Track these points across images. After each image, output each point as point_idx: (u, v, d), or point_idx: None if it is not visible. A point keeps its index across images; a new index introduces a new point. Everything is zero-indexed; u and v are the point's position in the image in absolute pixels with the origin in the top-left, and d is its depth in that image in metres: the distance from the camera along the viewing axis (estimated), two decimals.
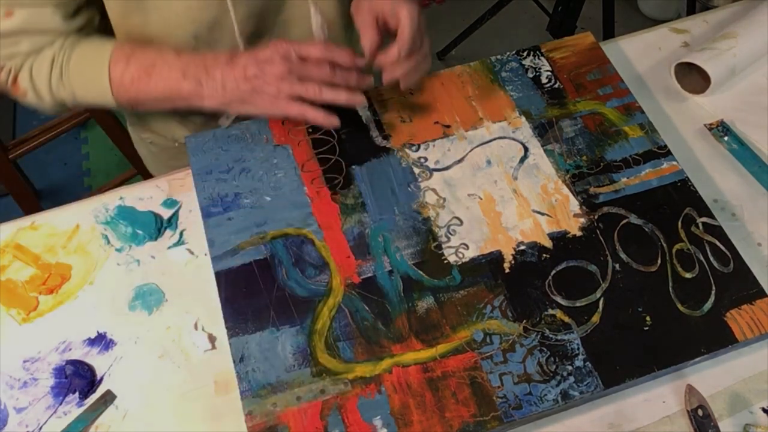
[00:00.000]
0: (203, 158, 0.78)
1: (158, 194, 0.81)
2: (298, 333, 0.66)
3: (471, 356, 0.65)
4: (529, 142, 0.79)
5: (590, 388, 0.63)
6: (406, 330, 0.67)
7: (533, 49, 0.88)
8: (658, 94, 0.90)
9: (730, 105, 0.89)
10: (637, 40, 0.96)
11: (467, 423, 0.62)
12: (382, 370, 0.64)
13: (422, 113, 0.82)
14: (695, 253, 0.71)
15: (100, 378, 0.69)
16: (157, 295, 0.74)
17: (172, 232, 0.78)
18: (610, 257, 0.71)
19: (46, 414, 0.67)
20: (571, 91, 0.84)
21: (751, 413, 0.66)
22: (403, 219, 0.74)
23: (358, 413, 0.62)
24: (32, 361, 0.70)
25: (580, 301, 0.68)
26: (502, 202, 0.75)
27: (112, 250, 0.77)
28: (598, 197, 0.75)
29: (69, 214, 0.80)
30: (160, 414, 0.67)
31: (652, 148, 0.79)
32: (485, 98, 0.83)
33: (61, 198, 1.81)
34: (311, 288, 0.69)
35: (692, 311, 0.68)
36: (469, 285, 0.69)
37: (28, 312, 0.73)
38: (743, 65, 0.90)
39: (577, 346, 0.66)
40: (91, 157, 1.91)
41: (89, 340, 0.71)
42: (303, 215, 0.74)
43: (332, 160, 0.78)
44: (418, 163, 0.78)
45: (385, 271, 0.70)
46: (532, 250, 0.72)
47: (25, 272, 0.75)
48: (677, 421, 0.66)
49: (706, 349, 0.65)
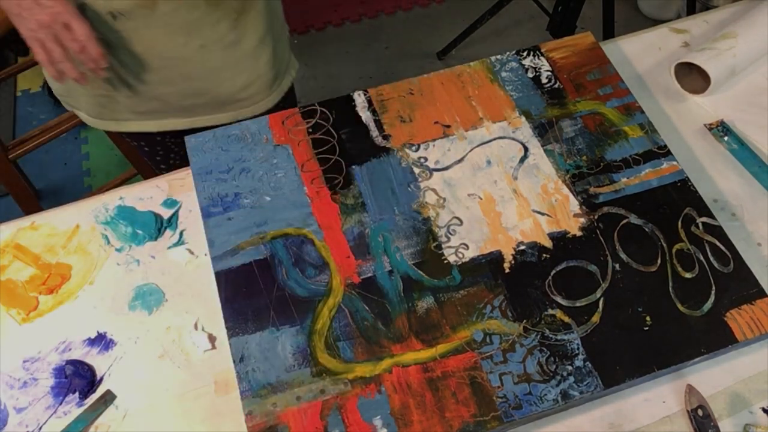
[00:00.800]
0: (203, 158, 0.78)
1: (158, 194, 0.81)
2: (298, 333, 0.66)
3: (471, 356, 0.65)
4: (529, 142, 0.79)
5: (590, 388, 0.63)
6: (406, 330, 0.67)
7: (533, 49, 0.88)
8: (658, 94, 0.90)
9: (730, 105, 0.89)
10: (637, 40, 0.96)
11: (467, 423, 0.62)
12: (382, 370, 0.64)
13: (422, 113, 0.82)
14: (695, 253, 0.71)
15: (100, 378, 0.69)
16: (157, 295, 0.74)
17: (172, 232, 0.78)
18: (610, 257, 0.71)
19: (46, 414, 0.67)
20: (571, 91, 0.84)
21: (751, 413, 0.66)
22: (403, 219, 0.74)
23: (358, 413, 0.62)
24: (32, 361, 0.70)
25: (580, 301, 0.68)
26: (502, 202, 0.75)
27: (112, 250, 0.77)
28: (598, 197, 0.75)
29: (69, 214, 0.80)
30: (160, 414, 0.67)
31: (652, 148, 0.79)
32: (485, 98, 0.83)
33: (61, 198, 1.81)
34: (311, 288, 0.69)
35: (692, 311, 0.68)
36: (469, 285, 0.69)
37: (28, 312, 0.73)
38: (743, 65, 0.90)
39: (577, 346, 0.66)
40: (91, 157, 1.90)
41: (89, 340, 0.71)
42: (303, 215, 0.74)
43: (332, 160, 0.78)
44: (418, 163, 0.78)
45: (385, 271, 0.70)
46: (532, 250, 0.72)
47: (25, 272, 0.75)
48: (677, 421, 0.66)
49: (706, 349, 0.65)
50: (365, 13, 2.24)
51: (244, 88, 0.91)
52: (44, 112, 1.98)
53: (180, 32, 0.81)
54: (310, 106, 0.82)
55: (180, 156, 1.11)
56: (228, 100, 0.92)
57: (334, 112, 0.82)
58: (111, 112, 0.93)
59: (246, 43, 0.87)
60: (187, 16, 0.80)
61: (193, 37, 0.82)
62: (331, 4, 2.24)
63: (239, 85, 0.91)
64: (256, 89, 0.93)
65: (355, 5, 2.25)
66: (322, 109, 0.82)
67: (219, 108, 0.93)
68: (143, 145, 1.05)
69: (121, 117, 0.94)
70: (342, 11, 2.23)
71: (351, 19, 2.22)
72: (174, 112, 0.93)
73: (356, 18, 2.22)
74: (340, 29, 2.20)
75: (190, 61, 0.85)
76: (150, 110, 0.92)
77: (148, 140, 1.03)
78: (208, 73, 0.87)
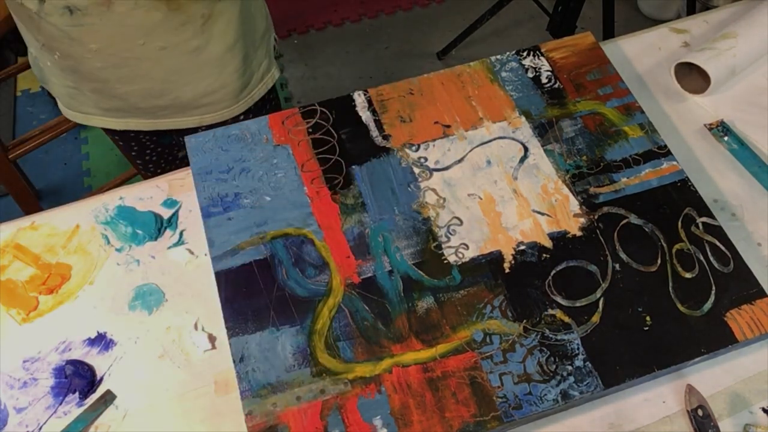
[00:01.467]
0: (203, 158, 0.78)
1: (158, 194, 0.81)
2: (298, 333, 0.66)
3: (471, 356, 0.65)
4: (529, 142, 0.79)
5: (590, 388, 0.63)
6: (406, 330, 0.67)
7: (533, 49, 0.88)
8: (658, 94, 0.90)
9: (730, 105, 0.89)
10: (637, 40, 0.96)
11: (467, 423, 0.62)
12: (382, 370, 0.64)
13: (422, 113, 0.82)
14: (695, 253, 0.71)
15: (100, 378, 0.69)
16: (157, 295, 0.74)
17: (172, 232, 0.78)
18: (610, 257, 0.71)
19: (46, 414, 0.67)
20: (571, 91, 0.84)
21: (751, 413, 0.66)
22: (403, 219, 0.74)
23: (358, 413, 0.62)
24: (32, 361, 0.70)
25: (580, 301, 0.68)
26: (502, 202, 0.75)
27: (112, 250, 0.77)
28: (598, 197, 0.75)
29: (69, 214, 0.80)
30: (160, 414, 0.67)
31: (652, 148, 0.79)
32: (485, 98, 0.83)
33: (61, 198, 1.81)
34: (311, 288, 0.69)
35: (692, 311, 0.68)
36: (469, 285, 0.69)
37: (28, 312, 0.73)
38: (743, 65, 0.90)
39: (577, 346, 0.66)
40: (91, 157, 1.90)
41: (89, 340, 0.71)
42: (303, 215, 0.74)
43: (332, 160, 0.78)
44: (418, 163, 0.78)
45: (385, 271, 0.70)
46: (532, 250, 0.72)
47: (25, 272, 0.75)
48: (677, 421, 0.66)
49: (706, 349, 0.66)
50: (365, 13, 2.24)
51: (207, 95, 0.90)
52: (44, 112, 1.98)
53: (138, 33, 0.80)
54: (310, 106, 0.82)
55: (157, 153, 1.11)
56: (189, 105, 0.91)
57: (334, 112, 0.82)
58: (79, 104, 0.94)
59: (211, 50, 0.86)
60: (146, 18, 0.78)
61: (152, 38, 0.81)
62: (331, 4, 2.25)
63: (201, 91, 0.89)
64: (220, 97, 0.92)
65: (355, 5, 2.25)
66: (322, 109, 0.82)
67: (181, 112, 0.92)
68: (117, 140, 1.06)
69: (87, 111, 0.94)
70: (342, 11, 2.24)
71: (351, 19, 2.22)
72: (136, 112, 0.92)
73: (356, 18, 2.23)
74: (340, 29, 2.20)
75: (149, 62, 0.84)
76: (113, 108, 0.92)
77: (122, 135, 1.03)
78: (168, 75, 0.86)
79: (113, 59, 0.82)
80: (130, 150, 1.09)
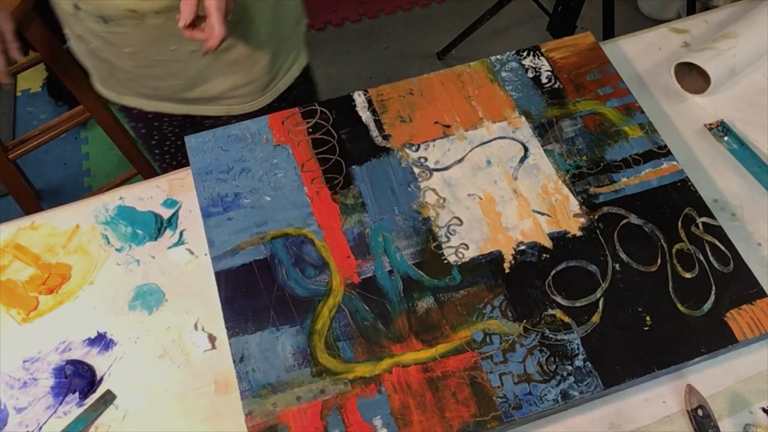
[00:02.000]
0: (203, 158, 0.78)
1: (158, 194, 0.81)
2: (298, 333, 0.66)
3: (471, 356, 0.65)
4: (529, 142, 0.79)
5: (590, 388, 0.63)
6: (406, 330, 0.67)
7: (533, 49, 0.88)
8: (658, 94, 0.90)
9: (730, 105, 0.89)
10: (637, 40, 0.96)
11: (467, 423, 0.62)
12: (382, 370, 0.64)
13: (422, 113, 0.82)
14: (695, 253, 0.71)
15: (100, 378, 0.69)
16: (157, 295, 0.74)
17: (172, 232, 0.78)
18: (610, 257, 0.71)
19: (46, 414, 0.67)
20: (571, 91, 0.84)
21: (751, 413, 0.66)
22: (403, 219, 0.74)
23: (358, 413, 0.62)
24: (32, 361, 0.70)
25: (580, 301, 0.68)
26: (502, 202, 0.75)
27: (112, 250, 0.77)
28: (598, 197, 0.75)
29: (69, 214, 0.80)
30: (160, 414, 0.67)
31: (652, 148, 0.79)
32: (485, 98, 0.83)
33: (61, 198, 1.81)
34: (311, 288, 0.69)
35: (692, 311, 0.68)
36: (469, 285, 0.69)
37: (28, 312, 0.73)
38: (743, 65, 0.90)
39: (577, 346, 0.66)
40: (91, 157, 1.91)
41: (89, 340, 0.71)
42: (303, 215, 0.74)
43: (332, 160, 0.78)
44: (418, 163, 0.78)
45: (385, 271, 0.70)
46: (532, 250, 0.72)
47: (25, 272, 0.75)
48: (677, 421, 0.66)
49: (706, 349, 0.65)
50: (365, 13, 2.24)
51: (235, 89, 0.91)
52: (44, 112, 1.98)
53: (171, 40, 0.82)
54: (310, 106, 0.82)
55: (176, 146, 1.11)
56: (219, 97, 0.93)
57: (334, 112, 0.82)
58: (113, 84, 0.96)
59: (242, 49, 0.87)
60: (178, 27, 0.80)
61: (184, 44, 0.82)
62: (331, 4, 2.25)
63: (230, 86, 0.91)
64: (249, 90, 0.93)
65: (355, 5, 2.25)
66: (322, 109, 0.82)
67: (212, 102, 0.94)
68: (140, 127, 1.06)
69: (121, 91, 0.96)
70: (342, 11, 2.24)
71: (351, 19, 2.22)
72: (168, 101, 0.95)
73: (356, 18, 2.23)
74: (340, 29, 2.20)
75: (180, 63, 0.86)
76: (146, 94, 0.94)
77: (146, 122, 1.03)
78: (198, 72, 0.88)
79: (146, 61, 0.85)
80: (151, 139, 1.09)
